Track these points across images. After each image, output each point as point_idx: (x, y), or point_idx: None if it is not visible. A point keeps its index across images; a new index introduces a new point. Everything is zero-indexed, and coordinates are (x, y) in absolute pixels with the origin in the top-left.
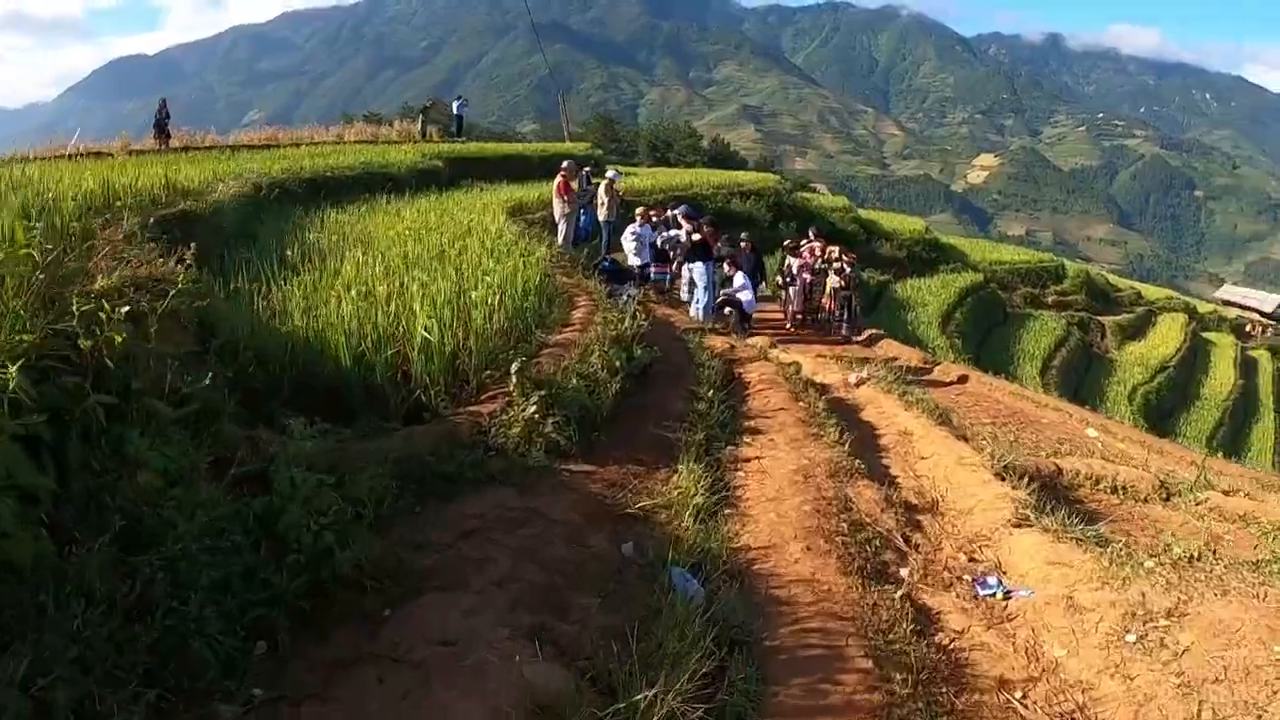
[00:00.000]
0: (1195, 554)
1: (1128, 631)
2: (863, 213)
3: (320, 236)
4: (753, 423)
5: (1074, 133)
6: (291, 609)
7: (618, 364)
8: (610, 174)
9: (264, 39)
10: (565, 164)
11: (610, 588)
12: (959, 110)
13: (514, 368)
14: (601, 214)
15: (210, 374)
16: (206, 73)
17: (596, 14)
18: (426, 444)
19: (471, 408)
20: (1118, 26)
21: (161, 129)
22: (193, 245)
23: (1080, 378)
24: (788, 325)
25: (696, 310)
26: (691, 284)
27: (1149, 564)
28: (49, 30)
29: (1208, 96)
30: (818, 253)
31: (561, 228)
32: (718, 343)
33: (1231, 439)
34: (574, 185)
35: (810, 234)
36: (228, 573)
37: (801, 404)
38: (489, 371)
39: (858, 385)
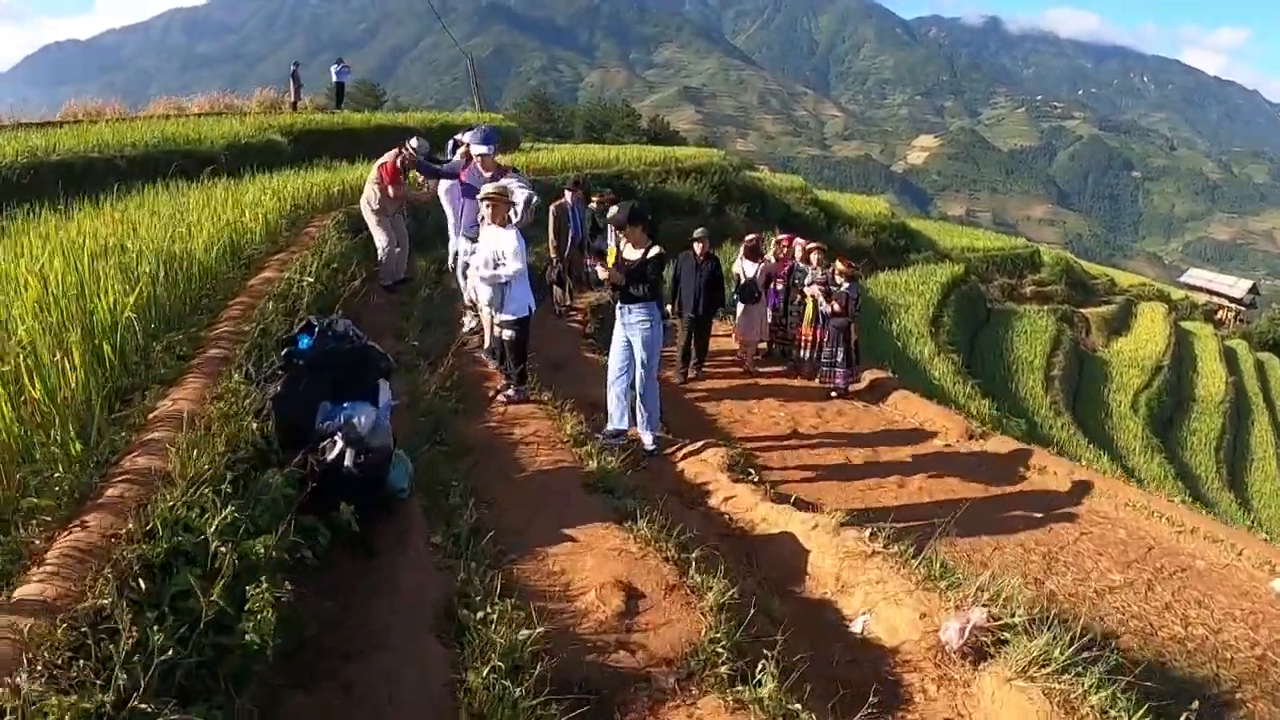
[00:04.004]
0: None
1: None
2: (820, 194)
3: None
4: None
5: (1013, 114)
6: None
7: None
8: (466, 136)
9: (201, 22)
10: (413, 142)
11: None
12: (899, 92)
13: None
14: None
15: None
16: (143, 58)
17: None
18: None
19: None
20: (1056, 10)
21: None
22: None
23: (1077, 383)
24: (747, 364)
25: (615, 412)
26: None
27: None
28: None
29: (1145, 79)
30: (798, 256)
31: (379, 241)
32: (594, 574)
33: (1233, 445)
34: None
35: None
36: None
37: None
38: None
39: (971, 657)
